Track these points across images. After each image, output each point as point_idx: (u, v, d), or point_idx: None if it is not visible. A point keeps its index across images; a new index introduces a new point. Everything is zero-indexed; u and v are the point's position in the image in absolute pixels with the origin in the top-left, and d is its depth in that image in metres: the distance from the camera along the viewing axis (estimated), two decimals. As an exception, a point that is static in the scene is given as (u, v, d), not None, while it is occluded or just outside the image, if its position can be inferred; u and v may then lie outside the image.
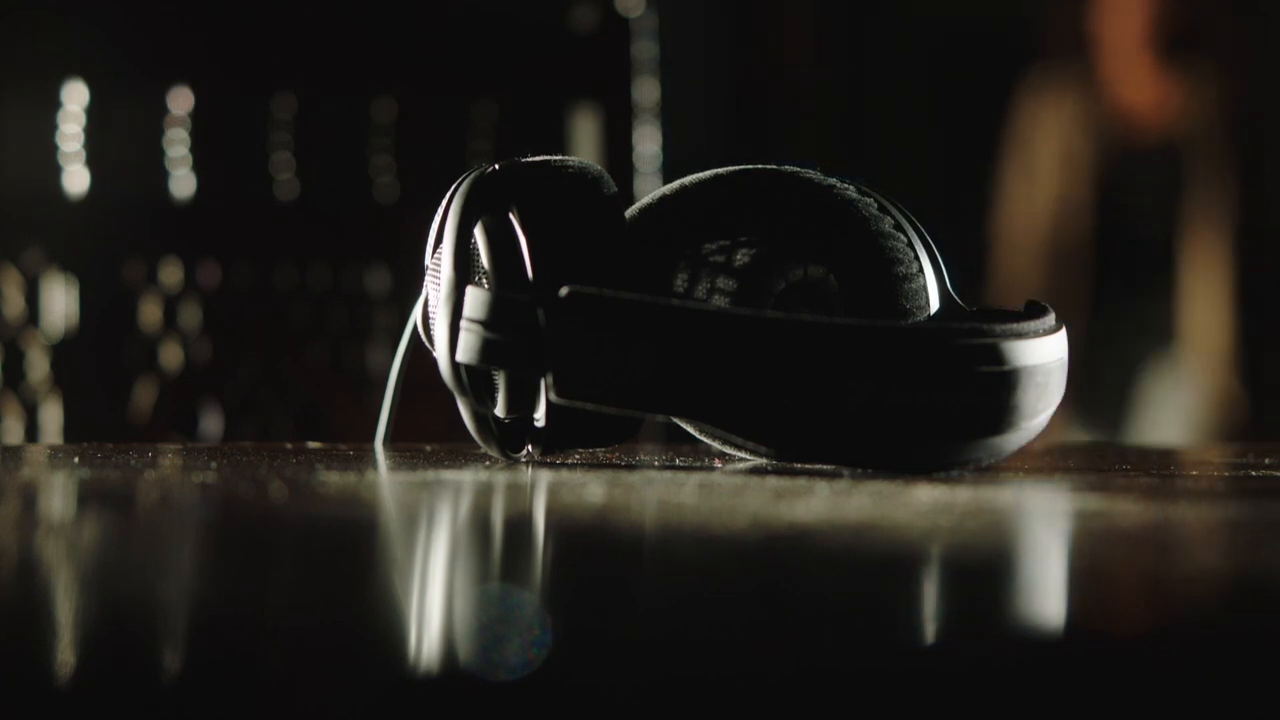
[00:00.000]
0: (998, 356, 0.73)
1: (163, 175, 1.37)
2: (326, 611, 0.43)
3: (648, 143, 1.41)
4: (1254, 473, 0.86)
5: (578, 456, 0.84)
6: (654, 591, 0.48)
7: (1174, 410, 3.09)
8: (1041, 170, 3.03)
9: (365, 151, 1.41)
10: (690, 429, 0.81)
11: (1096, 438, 3.05)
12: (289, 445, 1.07)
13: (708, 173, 0.81)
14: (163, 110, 1.37)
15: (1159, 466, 0.90)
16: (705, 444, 0.82)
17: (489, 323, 0.75)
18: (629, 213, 0.80)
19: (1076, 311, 3.00)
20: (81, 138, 1.35)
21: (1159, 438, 3.09)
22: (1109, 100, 3.04)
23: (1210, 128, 3.03)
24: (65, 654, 0.38)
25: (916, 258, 0.78)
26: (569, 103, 1.43)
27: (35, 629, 0.40)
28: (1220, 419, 3.09)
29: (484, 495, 0.71)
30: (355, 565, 0.52)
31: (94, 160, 1.35)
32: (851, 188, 0.80)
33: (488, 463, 0.81)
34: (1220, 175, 3.04)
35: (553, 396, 0.73)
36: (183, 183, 1.37)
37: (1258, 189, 3.09)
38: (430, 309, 0.78)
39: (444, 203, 0.78)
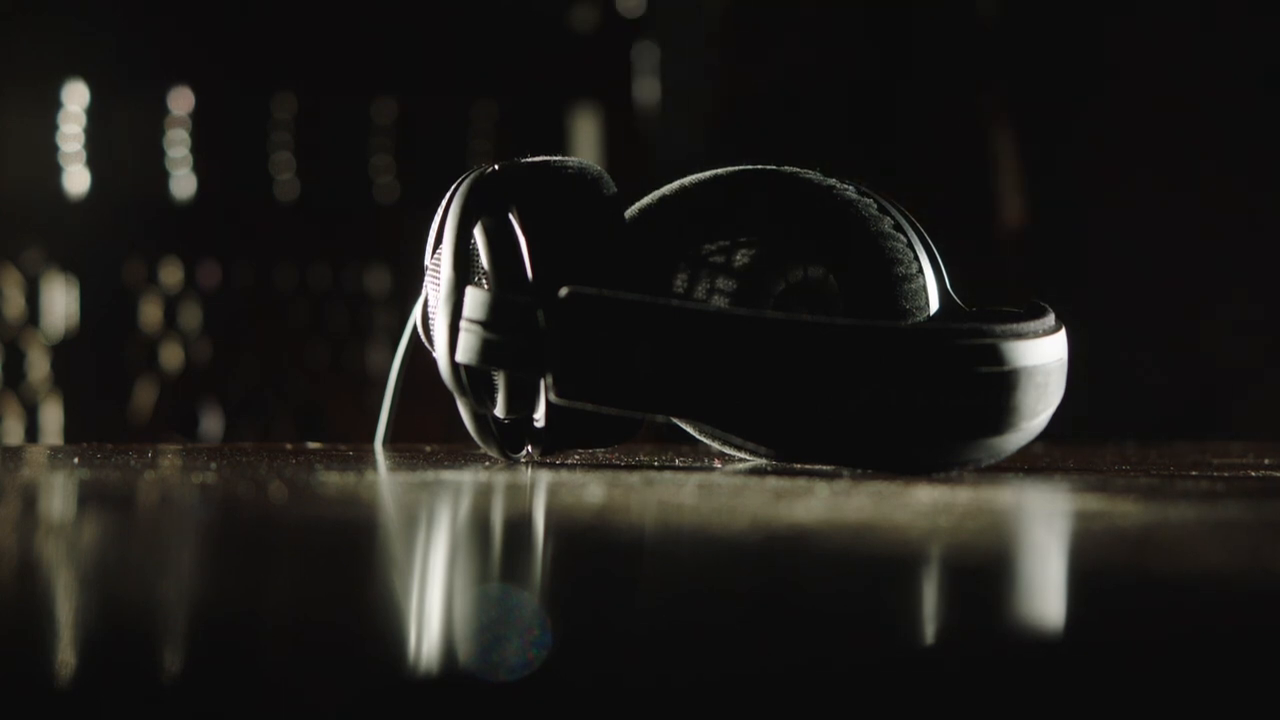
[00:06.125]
0: (998, 357, 0.73)
1: (163, 175, 1.37)
2: (326, 611, 0.43)
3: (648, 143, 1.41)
4: (1254, 473, 0.86)
5: (578, 456, 0.84)
6: (654, 591, 0.48)
7: None
8: None
9: (365, 151, 1.41)
10: (690, 429, 0.81)
11: None
12: (289, 445, 1.07)
13: (708, 173, 0.81)
14: (163, 110, 1.37)
15: (1158, 466, 0.90)
16: (705, 444, 0.82)
17: (489, 323, 0.75)
18: (629, 213, 0.80)
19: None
20: (81, 138, 1.35)
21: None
22: None
23: None
24: (65, 654, 0.38)
25: (916, 258, 0.78)
26: (569, 103, 1.43)
27: (35, 629, 0.40)
28: None
29: (484, 496, 0.71)
30: (355, 565, 0.52)
31: (94, 160, 1.35)
32: (851, 188, 0.79)
33: (487, 463, 0.81)
34: None
35: (552, 397, 0.73)
36: (183, 183, 1.37)
37: None
38: (430, 309, 0.78)
39: (444, 203, 0.78)
